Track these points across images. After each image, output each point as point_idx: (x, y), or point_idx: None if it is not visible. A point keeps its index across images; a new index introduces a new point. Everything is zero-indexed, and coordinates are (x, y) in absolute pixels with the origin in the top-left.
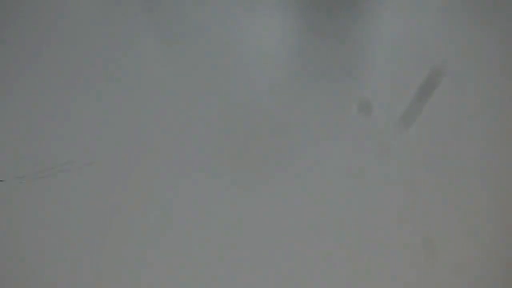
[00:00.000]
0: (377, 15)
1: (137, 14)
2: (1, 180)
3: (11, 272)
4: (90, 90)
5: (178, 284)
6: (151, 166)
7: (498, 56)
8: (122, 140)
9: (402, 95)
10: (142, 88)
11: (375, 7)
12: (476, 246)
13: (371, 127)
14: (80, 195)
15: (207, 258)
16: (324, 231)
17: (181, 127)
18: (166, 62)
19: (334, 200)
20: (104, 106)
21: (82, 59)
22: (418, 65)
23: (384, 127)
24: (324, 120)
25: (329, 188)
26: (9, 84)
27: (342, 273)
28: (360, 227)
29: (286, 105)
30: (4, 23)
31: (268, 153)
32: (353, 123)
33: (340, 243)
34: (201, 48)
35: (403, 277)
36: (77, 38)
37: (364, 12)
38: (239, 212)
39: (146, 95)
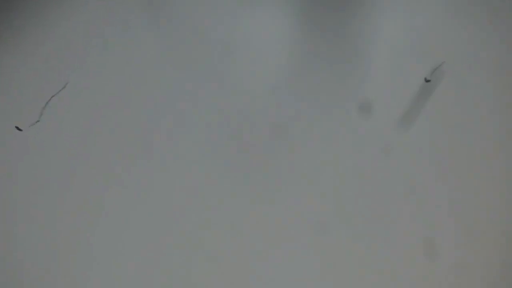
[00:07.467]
0: (377, 16)
1: (137, 15)
2: None
3: None
4: (90, 90)
5: (177, 284)
6: (150, 167)
7: (498, 56)
8: (120, 140)
9: (402, 95)
10: (141, 88)
11: (375, 9)
12: (476, 246)
13: (372, 127)
14: (78, 194)
15: (206, 259)
16: (324, 231)
17: (180, 127)
18: (166, 62)
19: (334, 200)
20: (103, 106)
21: (81, 59)
22: (418, 65)
23: (384, 127)
24: (324, 120)
25: (329, 188)
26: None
27: (342, 273)
28: (360, 227)
29: (286, 105)
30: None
31: (269, 152)
32: (354, 123)
33: (340, 243)
34: (201, 47)
35: (403, 276)
36: (76, 38)
37: (364, 13)
38: (239, 213)
39: (145, 95)
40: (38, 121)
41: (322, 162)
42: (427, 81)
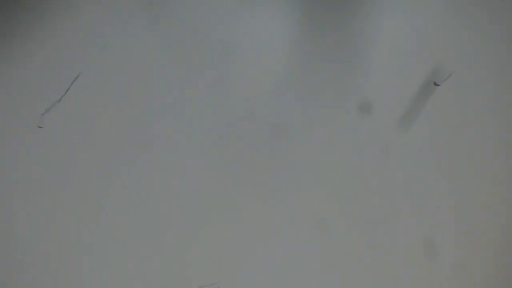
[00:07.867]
0: (377, 16)
1: (137, 15)
2: None
3: None
4: (89, 90)
5: (177, 283)
6: (150, 167)
7: (498, 56)
8: (120, 140)
9: (402, 95)
10: (141, 88)
11: (375, 9)
12: (476, 246)
13: (372, 127)
14: (78, 194)
15: (206, 259)
16: (324, 231)
17: (180, 127)
18: (166, 62)
19: (334, 200)
20: (103, 106)
21: (81, 59)
22: (418, 65)
23: (384, 127)
24: (324, 120)
25: (329, 188)
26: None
27: (342, 272)
28: (360, 227)
29: (286, 105)
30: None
31: (269, 152)
32: (354, 123)
33: (340, 242)
34: (201, 47)
35: (403, 277)
36: (76, 38)
37: (364, 13)
38: (239, 212)
39: (145, 95)
40: (56, 102)
41: (322, 162)
42: (436, 85)
